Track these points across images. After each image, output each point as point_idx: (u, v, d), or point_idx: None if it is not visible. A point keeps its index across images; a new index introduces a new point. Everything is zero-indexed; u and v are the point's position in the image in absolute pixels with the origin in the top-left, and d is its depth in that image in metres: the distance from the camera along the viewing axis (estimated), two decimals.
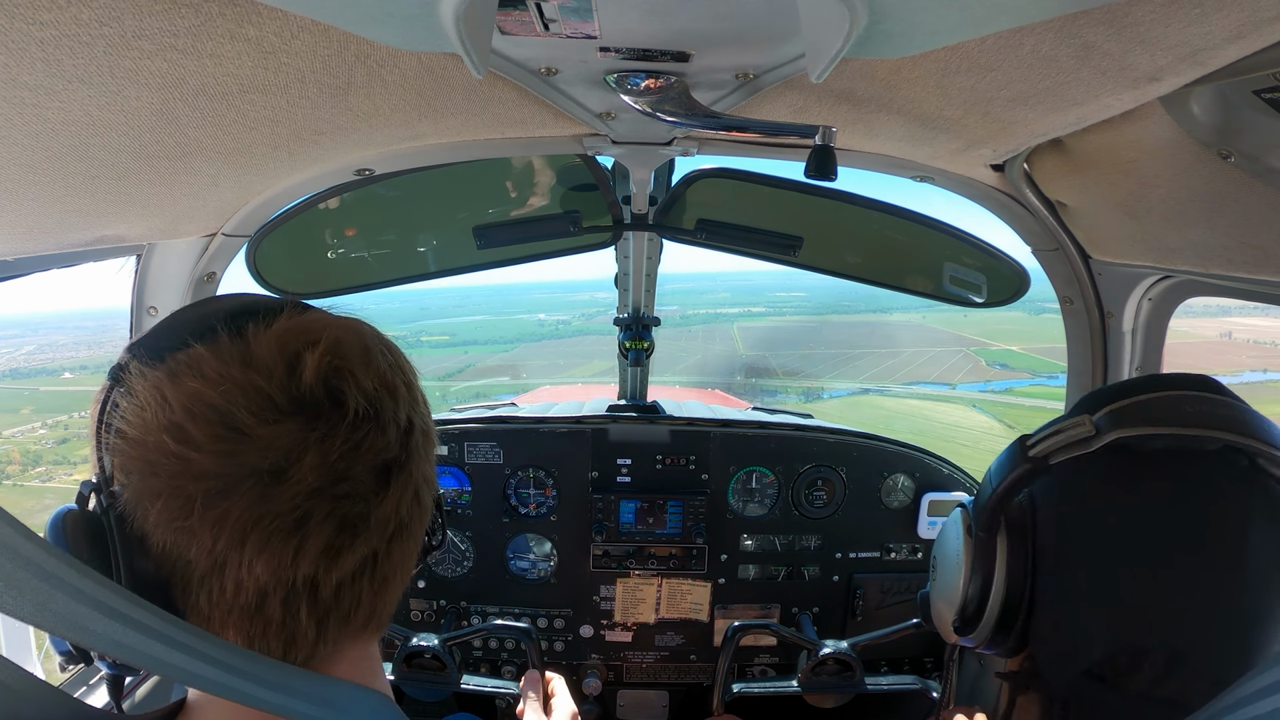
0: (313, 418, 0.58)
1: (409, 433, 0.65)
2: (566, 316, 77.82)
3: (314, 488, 0.57)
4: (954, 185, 1.63)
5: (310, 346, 0.59)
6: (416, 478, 0.66)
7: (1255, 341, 56.24)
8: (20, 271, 1.27)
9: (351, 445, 0.59)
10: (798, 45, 0.92)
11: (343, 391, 0.59)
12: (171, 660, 0.49)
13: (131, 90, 0.82)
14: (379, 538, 0.63)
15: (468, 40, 0.73)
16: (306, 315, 0.64)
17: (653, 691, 2.50)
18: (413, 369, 0.70)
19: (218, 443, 0.55)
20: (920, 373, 55.05)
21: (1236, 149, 0.99)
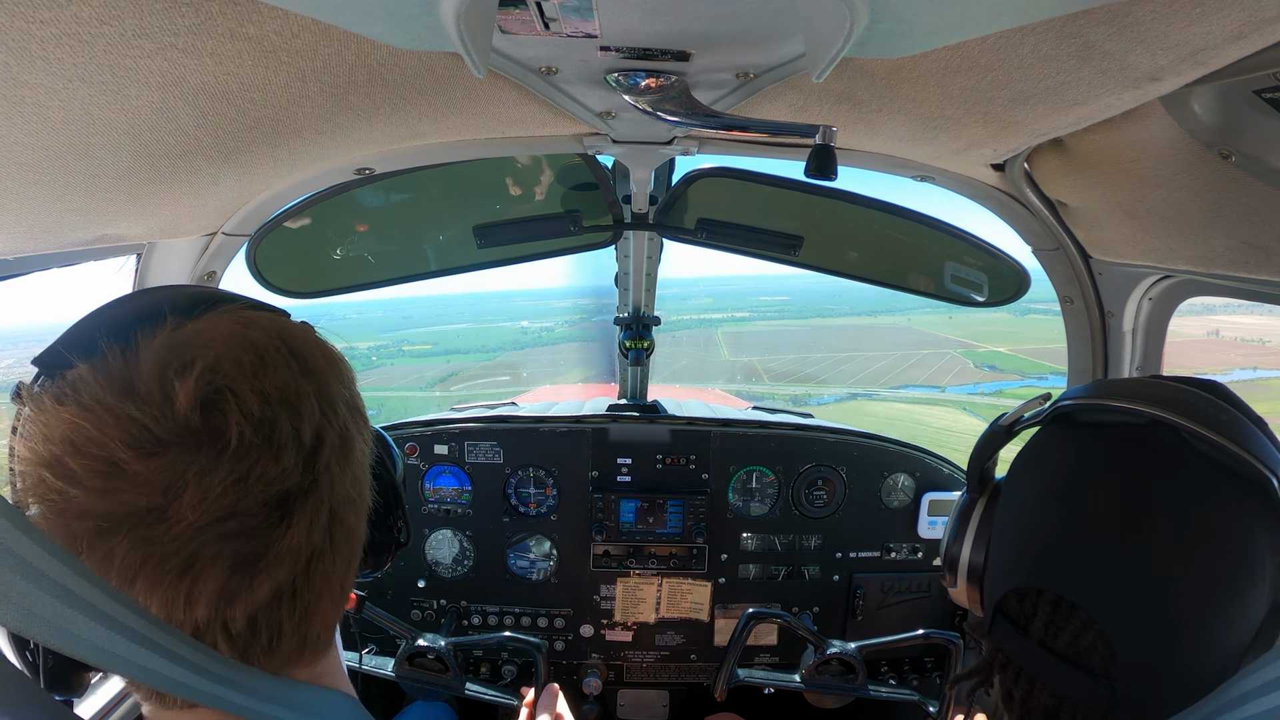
0: (190, 449, 0.52)
1: (315, 452, 0.58)
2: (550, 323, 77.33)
3: (197, 526, 0.52)
4: (954, 185, 1.63)
5: (187, 367, 0.53)
6: (333, 499, 0.60)
7: (1242, 340, 55.98)
8: (20, 271, 1.27)
9: (236, 478, 0.53)
10: (798, 45, 0.92)
11: (223, 417, 0.53)
12: (142, 661, 0.46)
13: (132, 89, 0.82)
14: (288, 569, 0.57)
15: (468, 39, 0.73)
16: (192, 325, 0.57)
17: (653, 691, 2.50)
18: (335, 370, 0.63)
19: (96, 479, 0.51)
20: (908, 375, 54.77)
21: (1237, 149, 0.99)
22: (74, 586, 0.43)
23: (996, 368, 55.18)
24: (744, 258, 2.12)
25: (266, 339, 0.58)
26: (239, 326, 0.58)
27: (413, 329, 77.58)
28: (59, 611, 0.41)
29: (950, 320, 69.87)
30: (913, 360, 58.11)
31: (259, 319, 0.60)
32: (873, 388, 52.24)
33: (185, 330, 0.56)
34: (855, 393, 50.90)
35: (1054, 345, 48.88)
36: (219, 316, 0.59)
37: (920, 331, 69.61)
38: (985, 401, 44.58)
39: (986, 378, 53.11)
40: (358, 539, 0.65)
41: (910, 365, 56.91)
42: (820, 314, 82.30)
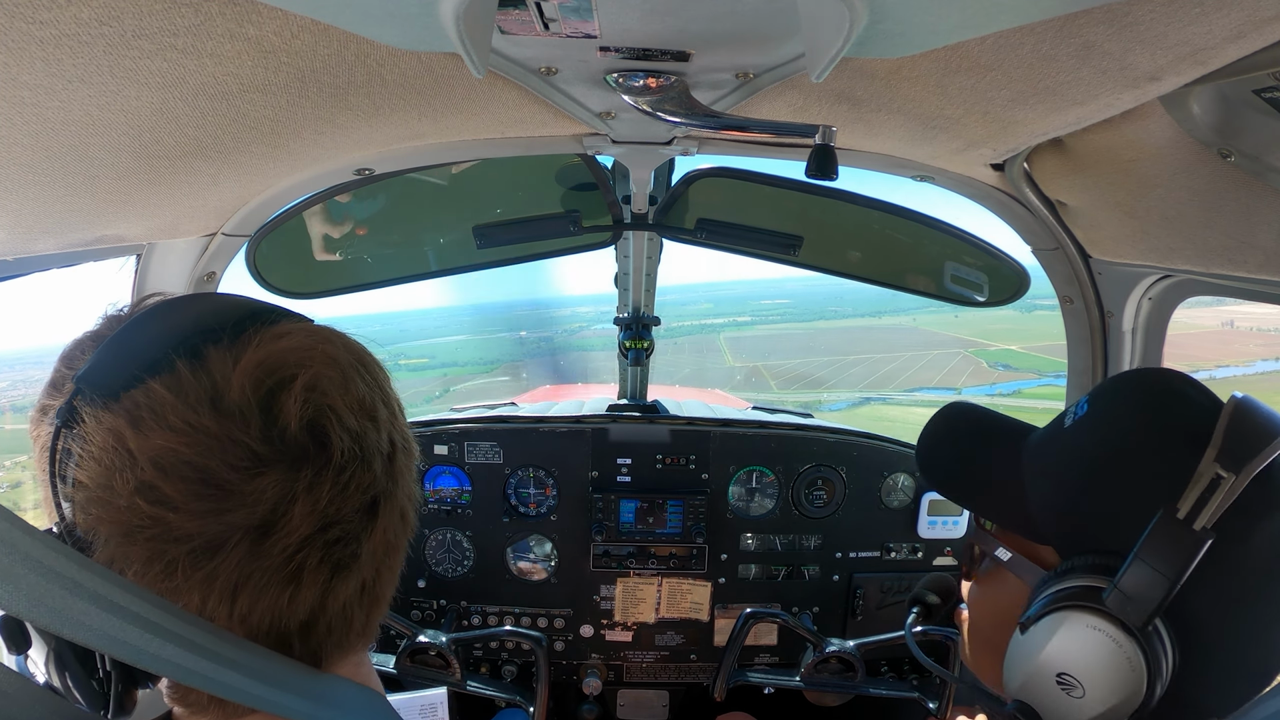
0: (298, 465, 0.54)
1: (393, 458, 0.62)
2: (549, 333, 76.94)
3: (305, 537, 0.54)
4: (954, 185, 1.63)
5: (288, 385, 0.54)
6: (402, 499, 0.64)
7: (1258, 329, 54.83)
8: (20, 271, 1.27)
9: (340, 488, 0.56)
10: (798, 45, 0.92)
11: (327, 433, 0.55)
12: (167, 655, 0.47)
13: (131, 90, 0.82)
14: (369, 568, 0.61)
15: (468, 40, 0.73)
16: (276, 342, 0.57)
17: (653, 691, 2.50)
18: (387, 376, 0.66)
19: (197, 501, 0.50)
20: (920, 378, 53.63)
21: (1236, 148, 0.99)
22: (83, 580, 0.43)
23: (1011, 367, 54.02)
24: (743, 261, 2.12)
25: (343, 354, 0.61)
26: (318, 342, 0.59)
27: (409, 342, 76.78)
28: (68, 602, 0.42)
29: (957, 319, 69.01)
30: (923, 361, 57.17)
31: (327, 334, 0.62)
32: (885, 391, 51.09)
33: (271, 347, 0.56)
34: (868, 396, 49.88)
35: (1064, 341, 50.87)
36: (290, 332, 0.59)
37: (927, 332, 68.68)
38: (1004, 403, 43.26)
39: (1001, 378, 51.85)
40: (408, 536, 0.68)
41: (921, 367, 55.92)
42: (822, 316, 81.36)
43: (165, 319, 0.57)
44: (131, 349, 0.55)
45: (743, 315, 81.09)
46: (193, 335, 0.55)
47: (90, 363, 0.55)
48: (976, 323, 67.06)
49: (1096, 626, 0.74)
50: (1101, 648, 0.74)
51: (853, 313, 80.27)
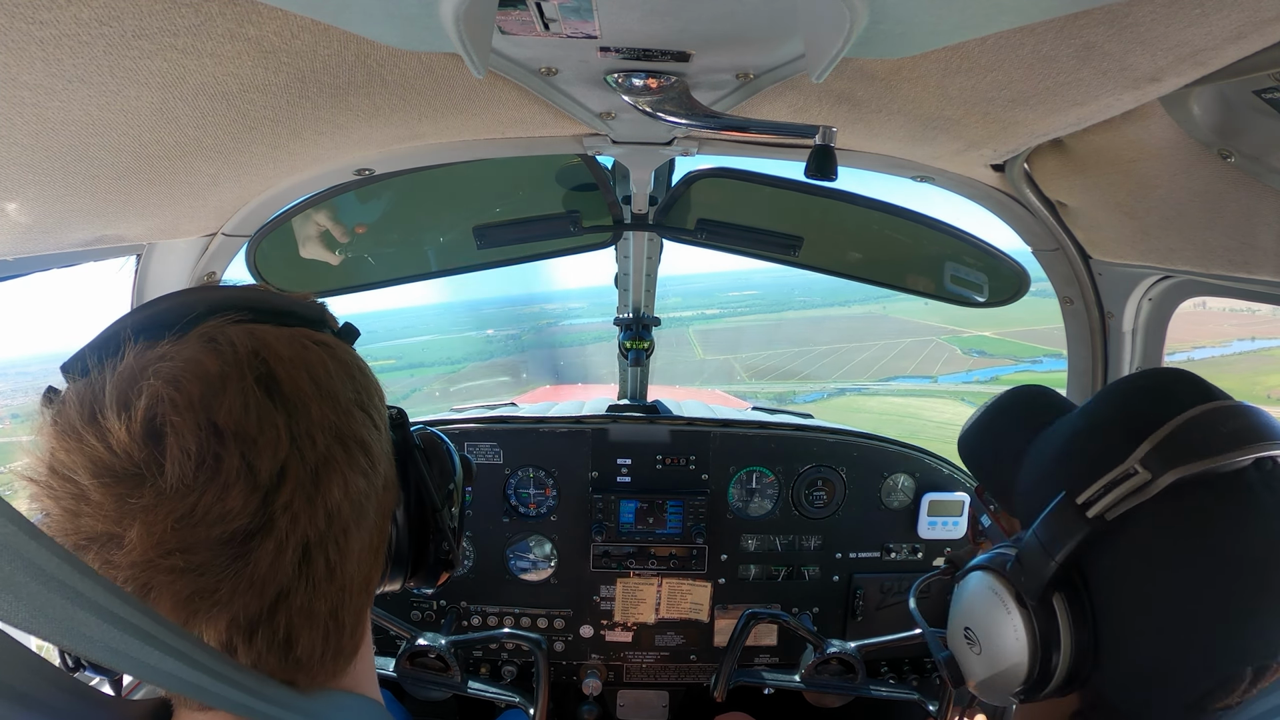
0: (137, 483, 0.51)
1: (275, 490, 0.54)
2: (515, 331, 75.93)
3: (144, 559, 0.51)
4: (954, 185, 1.63)
5: (136, 398, 0.51)
6: (299, 536, 0.55)
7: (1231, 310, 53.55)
8: (20, 271, 1.27)
9: (179, 515, 0.51)
10: (798, 45, 0.92)
11: (163, 452, 0.51)
12: (167, 668, 0.46)
13: (131, 90, 0.82)
14: (251, 604, 0.54)
15: (468, 40, 0.73)
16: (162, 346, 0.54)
17: (653, 691, 2.50)
18: (325, 394, 0.59)
19: (68, 501, 0.52)
20: (895, 366, 52.19)
21: (1237, 149, 0.99)
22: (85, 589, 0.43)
23: (985, 353, 52.93)
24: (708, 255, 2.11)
25: (229, 365, 0.54)
26: (202, 350, 0.55)
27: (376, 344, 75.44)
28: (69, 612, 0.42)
29: (927, 307, 67.60)
30: (897, 350, 55.99)
31: (235, 338, 0.56)
32: (861, 381, 49.47)
33: (150, 353, 0.54)
34: (843, 388, 48.52)
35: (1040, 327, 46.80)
36: (195, 336, 0.56)
37: (898, 319, 67.20)
38: (982, 390, 42.36)
39: (977, 364, 50.43)
40: (347, 573, 0.61)
41: (895, 355, 54.81)
42: (790, 307, 79.36)
43: (130, 316, 0.58)
44: (89, 347, 0.57)
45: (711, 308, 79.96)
46: (123, 338, 0.56)
47: (74, 354, 0.57)
48: (947, 309, 65.59)
49: (994, 589, 0.81)
50: (995, 610, 0.80)
51: (821, 302, 78.28)
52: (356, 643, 0.66)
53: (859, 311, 73.64)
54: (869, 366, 51.76)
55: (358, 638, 0.65)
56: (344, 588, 0.61)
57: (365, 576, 0.64)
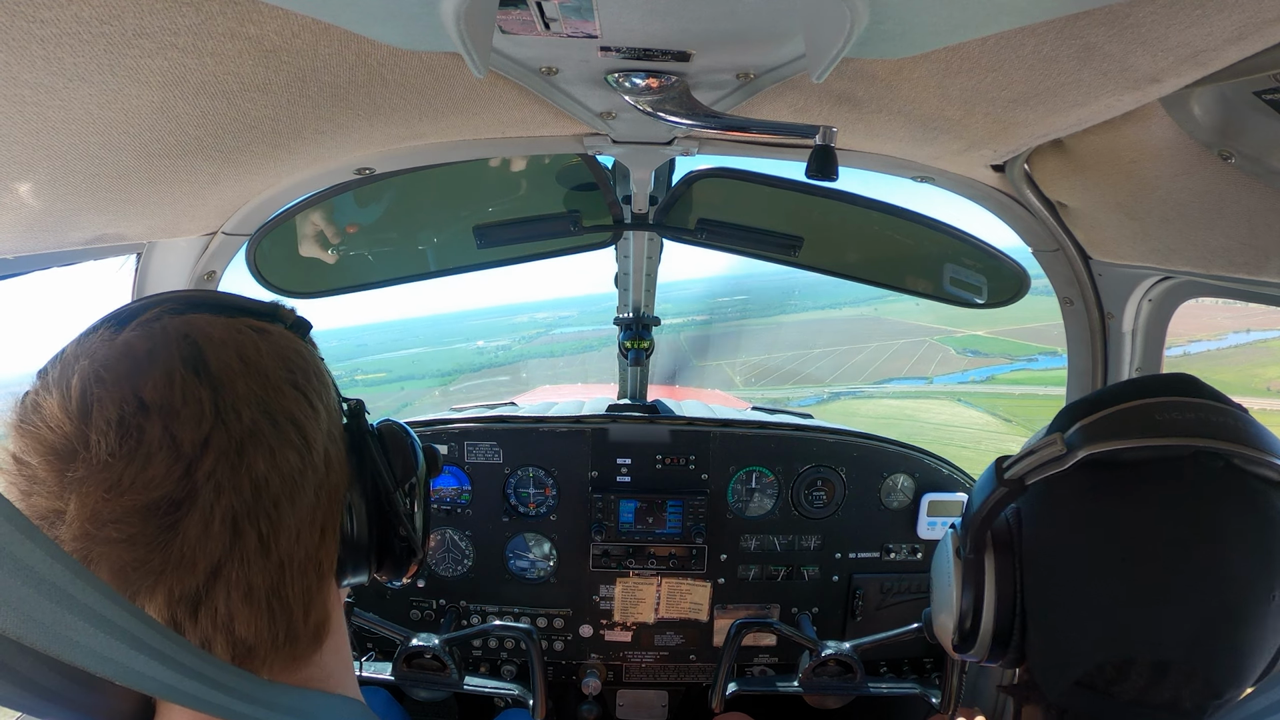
0: (70, 458, 0.54)
1: (198, 461, 0.55)
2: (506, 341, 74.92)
3: (82, 532, 0.53)
4: (954, 185, 1.63)
5: (73, 374, 0.56)
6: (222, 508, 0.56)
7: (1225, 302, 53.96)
8: (20, 270, 1.27)
9: (108, 485, 0.53)
10: (798, 45, 0.92)
11: (90, 427, 0.54)
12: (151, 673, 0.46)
13: (132, 89, 0.82)
14: (185, 578, 0.56)
15: (468, 39, 0.73)
16: (93, 336, 0.59)
17: (652, 691, 2.50)
18: (252, 371, 0.60)
19: (22, 481, 0.55)
20: (889, 368, 51.63)
21: (1237, 150, 0.99)
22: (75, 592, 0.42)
23: (980, 352, 52.36)
24: (694, 259, 2.12)
25: (158, 346, 0.57)
26: (135, 334, 0.59)
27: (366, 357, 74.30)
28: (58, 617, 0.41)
29: (918, 307, 66.59)
30: (890, 352, 55.50)
31: (169, 324, 0.60)
32: (855, 384, 48.79)
33: (88, 340, 0.59)
34: (838, 392, 47.80)
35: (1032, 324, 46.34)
36: (133, 324, 0.60)
37: (889, 321, 66.39)
38: (979, 390, 42.15)
39: (972, 364, 49.93)
40: (289, 549, 0.61)
41: (889, 357, 54.34)
42: (782, 310, 79.06)
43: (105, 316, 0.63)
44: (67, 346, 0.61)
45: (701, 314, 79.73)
46: (85, 331, 0.61)
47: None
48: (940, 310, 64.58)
49: (948, 543, 0.89)
50: (943, 561, 0.90)
51: (812, 305, 77.64)
52: (317, 630, 0.65)
53: (851, 314, 73.06)
54: (863, 369, 51.25)
55: (316, 624, 0.65)
56: (282, 564, 0.61)
57: (310, 556, 0.64)
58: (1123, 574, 0.72)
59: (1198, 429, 0.71)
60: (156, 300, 0.64)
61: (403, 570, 0.82)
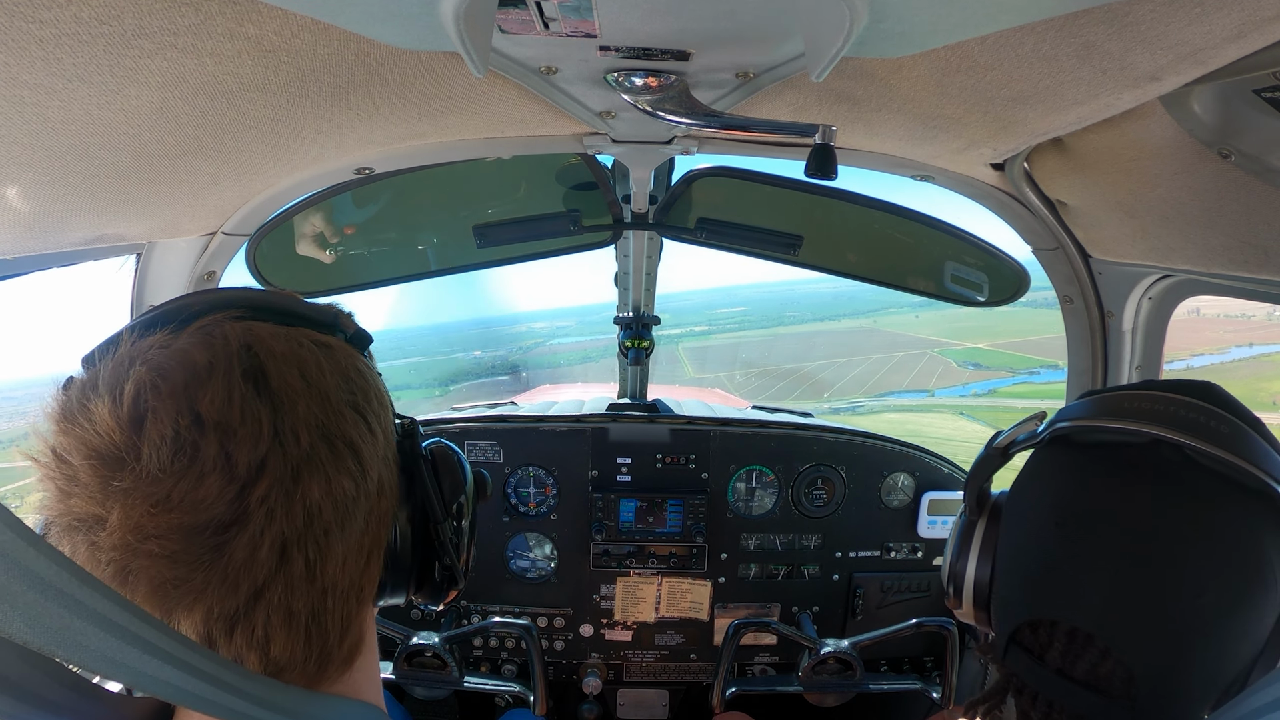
0: (117, 467, 0.52)
1: (252, 484, 0.53)
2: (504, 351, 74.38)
3: (123, 543, 0.52)
4: (954, 184, 1.63)
5: (124, 384, 0.53)
6: (275, 533, 0.55)
7: (1225, 315, 51.64)
8: (20, 271, 1.27)
9: (155, 500, 0.52)
10: (798, 44, 0.92)
11: (143, 438, 0.52)
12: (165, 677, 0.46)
13: (131, 89, 0.82)
14: (226, 599, 0.54)
15: (468, 39, 0.73)
16: (143, 340, 0.56)
17: (653, 691, 2.50)
18: (314, 393, 0.58)
19: (62, 481, 0.53)
20: (889, 381, 50.62)
21: (1237, 148, 0.99)
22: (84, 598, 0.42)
23: (981, 365, 51.57)
24: (694, 270, 2.11)
25: (218, 357, 0.55)
26: (193, 342, 0.56)
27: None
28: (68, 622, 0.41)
29: (918, 320, 66.40)
30: (890, 364, 54.40)
31: (229, 332, 0.57)
32: (856, 398, 47.45)
33: (142, 343, 0.56)
34: (837, 408, 46.27)
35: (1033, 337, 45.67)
36: (191, 329, 0.57)
37: (889, 333, 65.45)
38: (981, 403, 41.31)
39: (974, 377, 49.22)
40: (334, 576, 0.60)
41: (889, 370, 53.30)
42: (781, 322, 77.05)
43: (146, 314, 0.61)
44: (104, 339, 0.59)
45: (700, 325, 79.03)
46: (126, 331, 0.58)
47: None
48: (938, 322, 64.24)
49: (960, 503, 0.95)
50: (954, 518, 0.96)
51: (811, 317, 76.92)
52: (350, 652, 0.64)
53: (850, 326, 72.25)
54: (863, 382, 50.57)
55: (350, 646, 0.64)
56: (326, 591, 0.59)
57: (354, 582, 0.62)
58: (1056, 538, 0.76)
59: (1161, 419, 0.72)
60: (217, 301, 0.61)
61: (441, 597, 0.80)
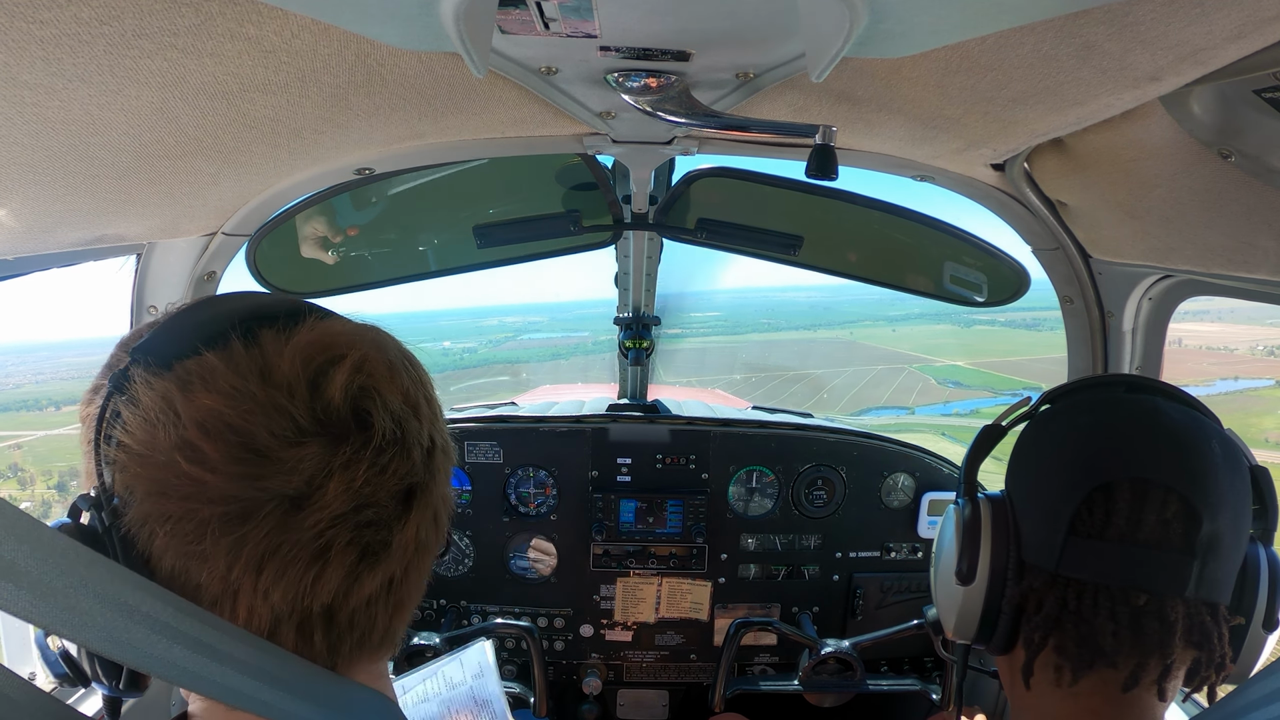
0: (338, 440, 0.54)
1: (431, 453, 0.62)
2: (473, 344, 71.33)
3: (337, 514, 0.54)
4: (954, 185, 1.63)
5: (336, 363, 0.56)
6: (436, 499, 0.63)
7: (1207, 348, 51.65)
8: (20, 271, 1.27)
9: (378, 469, 0.56)
10: (798, 45, 0.92)
11: (370, 413, 0.56)
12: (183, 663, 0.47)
13: (131, 89, 0.82)
14: (398, 562, 0.60)
15: (468, 39, 0.73)
16: (329, 325, 0.60)
17: (653, 691, 2.50)
18: (429, 379, 0.67)
19: (236, 465, 0.52)
20: (867, 396, 49.36)
21: (1237, 149, 0.99)
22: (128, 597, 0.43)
23: (961, 384, 50.61)
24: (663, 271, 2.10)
25: (392, 345, 0.63)
26: (368, 330, 0.62)
27: None
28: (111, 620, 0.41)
29: (894, 334, 65.78)
30: (868, 378, 53.24)
31: (375, 327, 0.64)
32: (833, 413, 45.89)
33: (323, 329, 0.59)
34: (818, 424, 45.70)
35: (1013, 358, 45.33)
36: (341, 320, 0.62)
37: (865, 346, 64.54)
38: (962, 423, 40.07)
39: (954, 395, 48.07)
40: (439, 544, 0.68)
41: (867, 384, 52.11)
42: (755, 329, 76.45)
43: (223, 303, 0.60)
44: (188, 325, 0.57)
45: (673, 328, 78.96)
46: (249, 317, 0.57)
47: (147, 337, 0.57)
48: (915, 337, 63.65)
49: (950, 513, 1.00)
50: (947, 513, 1.02)
51: (786, 325, 76.38)
52: (403, 632, 0.69)
53: (825, 336, 71.66)
54: (840, 397, 49.41)
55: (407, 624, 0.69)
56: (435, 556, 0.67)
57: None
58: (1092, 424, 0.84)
59: (1134, 378, 0.88)
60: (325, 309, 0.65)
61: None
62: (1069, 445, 0.84)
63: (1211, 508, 0.76)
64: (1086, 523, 0.79)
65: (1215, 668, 0.77)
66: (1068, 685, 0.79)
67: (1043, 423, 0.89)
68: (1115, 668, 0.77)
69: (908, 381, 52.54)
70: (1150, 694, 0.78)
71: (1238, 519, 0.78)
